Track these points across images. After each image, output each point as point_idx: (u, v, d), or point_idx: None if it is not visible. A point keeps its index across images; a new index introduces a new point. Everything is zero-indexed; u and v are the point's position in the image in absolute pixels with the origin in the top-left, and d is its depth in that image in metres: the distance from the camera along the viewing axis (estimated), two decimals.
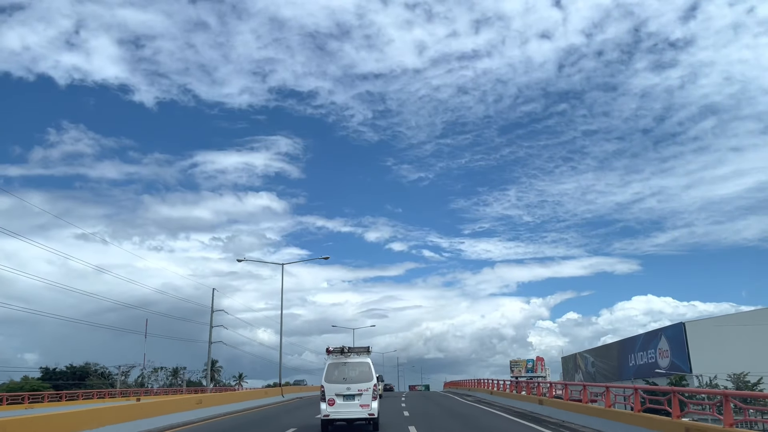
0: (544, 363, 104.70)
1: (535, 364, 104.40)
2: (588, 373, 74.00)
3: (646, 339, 51.40)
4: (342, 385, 14.75)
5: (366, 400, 14.66)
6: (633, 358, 53.98)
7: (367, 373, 14.98)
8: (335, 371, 14.98)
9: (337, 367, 15.05)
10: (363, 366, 15.10)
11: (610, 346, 64.22)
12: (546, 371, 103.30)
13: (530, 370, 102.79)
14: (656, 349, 48.26)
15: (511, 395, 28.59)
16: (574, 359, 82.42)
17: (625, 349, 56.58)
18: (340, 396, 14.68)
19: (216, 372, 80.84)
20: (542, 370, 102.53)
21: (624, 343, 58.74)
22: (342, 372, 14.96)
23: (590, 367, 72.47)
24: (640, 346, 52.40)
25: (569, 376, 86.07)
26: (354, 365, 15.10)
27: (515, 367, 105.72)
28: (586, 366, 74.84)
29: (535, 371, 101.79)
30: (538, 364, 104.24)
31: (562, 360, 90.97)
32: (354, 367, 15.06)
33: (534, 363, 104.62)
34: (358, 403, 14.65)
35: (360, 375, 14.93)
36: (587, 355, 74.71)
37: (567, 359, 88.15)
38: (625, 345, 57.43)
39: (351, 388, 14.72)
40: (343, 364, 15.08)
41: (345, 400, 14.67)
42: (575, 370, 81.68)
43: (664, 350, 46.74)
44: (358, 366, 15.09)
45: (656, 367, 48.00)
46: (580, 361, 78.66)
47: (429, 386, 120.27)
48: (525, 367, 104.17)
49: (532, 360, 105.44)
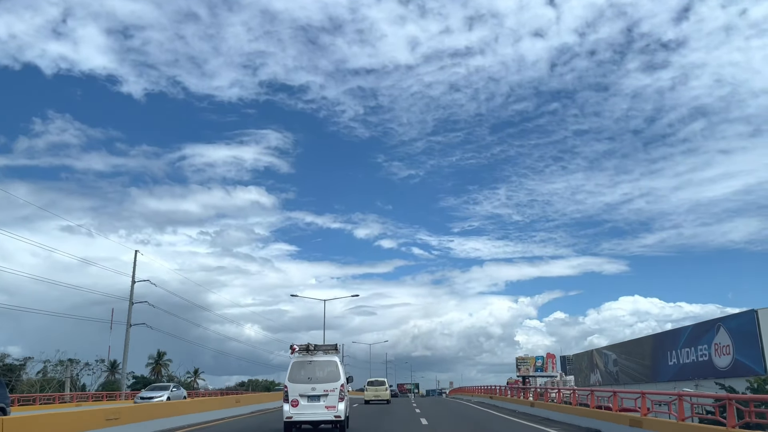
0: (555, 360, 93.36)
1: (545, 362, 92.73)
2: (609, 372, 62.98)
3: (695, 332, 40.49)
4: (306, 385, 14.14)
5: (332, 401, 14.07)
6: (674, 355, 43.10)
7: (334, 373, 14.37)
8: (300, 370, 14.34)
9: (302, 366, 14.43)
10: (330, 365, 14.50)
11: (641, 341, 53.11)
12: (561, 372, 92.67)
13: (539, 369, 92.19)
14: (710, 345, 37.40)
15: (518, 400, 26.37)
16: (590, 356, 71.34)
17: (663, 345, 45.64)
18: (305, 397, 14.07)
19: (164, 365, 69.83)
20: (553, 369, 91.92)
21: (661, 338, 47.73)
22: (307, 371, 14.32)
23: (611, 366, 61.51)
24: (686, 341, 41.50)
25: (583, 377, 75.08)
26: (320, 364, 14.48)
27: (522, 365, 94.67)
28: (606, 364, 63.86)
29: (545, 370, 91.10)
30: (549, 361, 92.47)
31: (573, 357, 79.51)
32: (320, 366, 14.44)
33: (544, 360, 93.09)
34: (324, 405, 14.06)
35: (326, 375, 14.31)
36: (608, 352, 63.61)
37: (580, 357, 76.90)
38: (663, 340, 46.46)
39: (316, 388, 14.11)
40: (309, 363, 14.48)
41: (309, 401, 14.07)
42: (591, 369, 70.72)
43: (723, 345, 35.88)
44: (324, 365, 14.48)
45: (710, 367, 37.16)
46: (597, 359, 67.64)
47: (418, 385, 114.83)
48: (534, 365, 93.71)
49: (541, 357, 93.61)
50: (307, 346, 14.76)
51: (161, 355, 69.03)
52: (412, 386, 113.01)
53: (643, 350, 50.48)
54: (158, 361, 69.00)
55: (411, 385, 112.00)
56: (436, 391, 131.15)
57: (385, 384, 37.94)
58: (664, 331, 49.57)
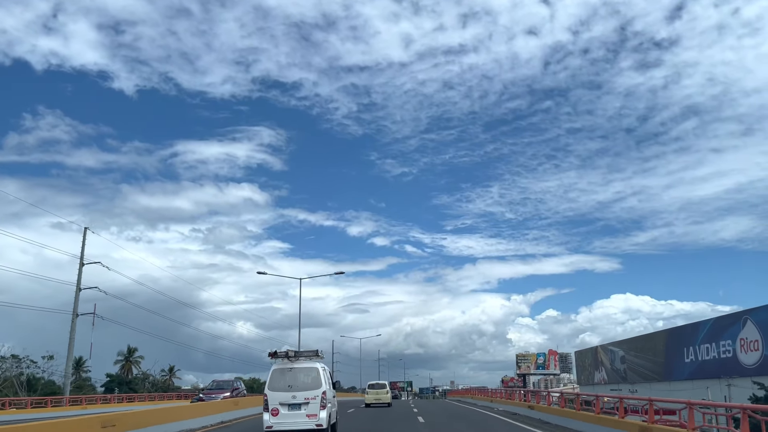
0: (557, 358, 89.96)
1: (546, 359, 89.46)
2: (615, 370, 59.48)
3: (717, 326, 36.98)
4: (287, 393, 13.59)
5: (313, 409, 13.52)
6: (692, 352, 39.62)
7: (315, 380, 13.80)
8: (280, 378, 13.80)
9: (282, 373, 13.87)
10: (311, 372, 13.92)
11: (652, 337, 49.62)
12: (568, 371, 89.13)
13: (541, 366, 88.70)
14: (735, 340, 33.91)
15: None
16: (594, 353, 67.77)
17: (679, 341, 42.13)
18: (285, 405, 13.54)
19: (134, 363, 64.36)
20: (555, 367, 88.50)
21: (677, 333, 44.20)
22: (288, 379, 13.77)
23: (618, 363, 58.01)
24: (706, 335, 38.00)
25: (587, 375, 71.63)
26: (301, 371, 13.91)
27: (522, 362, 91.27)
28: (612, 362, 60.34)
29: (547, 367, 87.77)
30: (551, 358, 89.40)
31: (576, 355, 76.09)
32: (302, 373, 13.87)
33: (546, 357, 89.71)
34: (305, 413, 13.52)
35: (307, 382, 13.77)
36: (614, 349, 60.04)
37: (583, 354, 73.34)
38: (679, 335, 42.93)
39: (297, 396, 13.56)
40: (289, 370, 13.92)
41: (290, 409, 13.55)
42: (595, 367, 67.14)
43: (750, 341, 32.36)
44: (306, 372, 13.91)
45: (735, 364, 33.70)
46: (602, 356, 64.11)
47: (411, 383, 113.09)
48: (535, 363, 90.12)
49: (543, 354, 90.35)
50: (287, 352, 14.38)
51: (132, 352, 63.83)
52: (405, 384, 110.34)
53: (655, 346, 46.99)
54: (128, 357, 63.92)
55: (404, 383, 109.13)
56: (430, 389, 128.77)
57: (386, 387, 37.50)
58: (680, 326, 46.03)
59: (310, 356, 14.30)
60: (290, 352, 14.40)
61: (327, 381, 14.06)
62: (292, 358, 14.14)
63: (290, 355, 14.21)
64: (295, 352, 14.47)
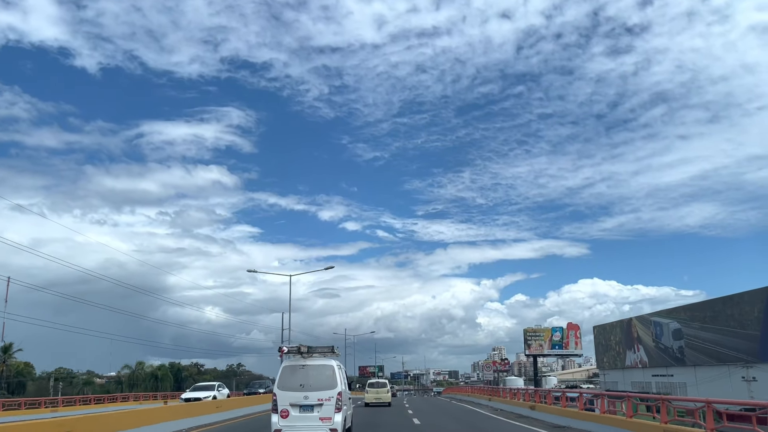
0: (579, 333, 73.69)
1: (565, 334, 73.30)
2: (663, 349, 44.19)
3: None
4: (298, 393, 12.33)
5: (327, 412, 12.22)
6: None
7: (330, 378, 12.54)
8: (291, 376, 12.53)
9: (293, 370, 12.60)
10: (326, 370, 12.65)
11: (733, 300, 34.05)
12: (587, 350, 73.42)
13: (557, 345, 72.77)
14: None
15: None
16: (625, 328, 52.37)
17: None
18: (296, 407, 12.26)
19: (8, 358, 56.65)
20: (576, 345, 72.97)
21: None
22: (299, 377, 12.51)
23: (670, 339, 42.70)
24: None
25: (612, 356, 56.33)
26: (314, 369, 12.58)
27: (533, 339, 74.70)
28: (657, 336, 45.06)
29: (566, 346, 72.17)
30: (570, 334, 73.27)
31: (596, 331, 60.64)
32: (315, 371, 12.54)
33: (564, 333, 73.54)
34: (317, 416, 12.21)
35: (321, 381, 12.47)
36: (663, 320, 44.65)
37: (607, 329, 57.92)
38: None
39: (309, 396, 12.28)
40: (301, 367, 12.72)
41: (301, 411, 12.26)
42: (627, 345, 52.01)
43: None
44: (319, 370, 12.57)
45: None
46: (640, 330, 48.84)
47: (383, 367, 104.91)
48: (549, 340, 74.37)
49: (560, 329, 74.03)
50: (299, 348, 12.97)
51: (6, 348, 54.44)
52: (376, 369, 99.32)
53: (742, 312, 31.61)
54: None
55: (375, 368, 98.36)
56: (402, 374, 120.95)
57: (387, 386, 35.51)
58: None
59: (324, 352, 12.97)
60: (303, 348, 13.03)
61: (343, 380, 12.89)
62: (305, 354, 12.85)
63: (303, 351, 12.89)
64: (309, 348, 13.02)
